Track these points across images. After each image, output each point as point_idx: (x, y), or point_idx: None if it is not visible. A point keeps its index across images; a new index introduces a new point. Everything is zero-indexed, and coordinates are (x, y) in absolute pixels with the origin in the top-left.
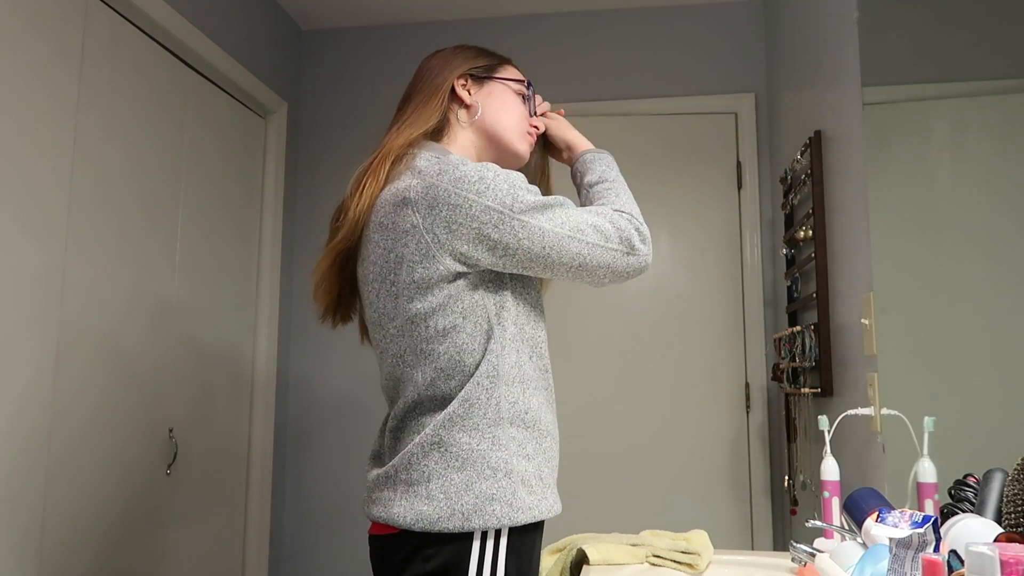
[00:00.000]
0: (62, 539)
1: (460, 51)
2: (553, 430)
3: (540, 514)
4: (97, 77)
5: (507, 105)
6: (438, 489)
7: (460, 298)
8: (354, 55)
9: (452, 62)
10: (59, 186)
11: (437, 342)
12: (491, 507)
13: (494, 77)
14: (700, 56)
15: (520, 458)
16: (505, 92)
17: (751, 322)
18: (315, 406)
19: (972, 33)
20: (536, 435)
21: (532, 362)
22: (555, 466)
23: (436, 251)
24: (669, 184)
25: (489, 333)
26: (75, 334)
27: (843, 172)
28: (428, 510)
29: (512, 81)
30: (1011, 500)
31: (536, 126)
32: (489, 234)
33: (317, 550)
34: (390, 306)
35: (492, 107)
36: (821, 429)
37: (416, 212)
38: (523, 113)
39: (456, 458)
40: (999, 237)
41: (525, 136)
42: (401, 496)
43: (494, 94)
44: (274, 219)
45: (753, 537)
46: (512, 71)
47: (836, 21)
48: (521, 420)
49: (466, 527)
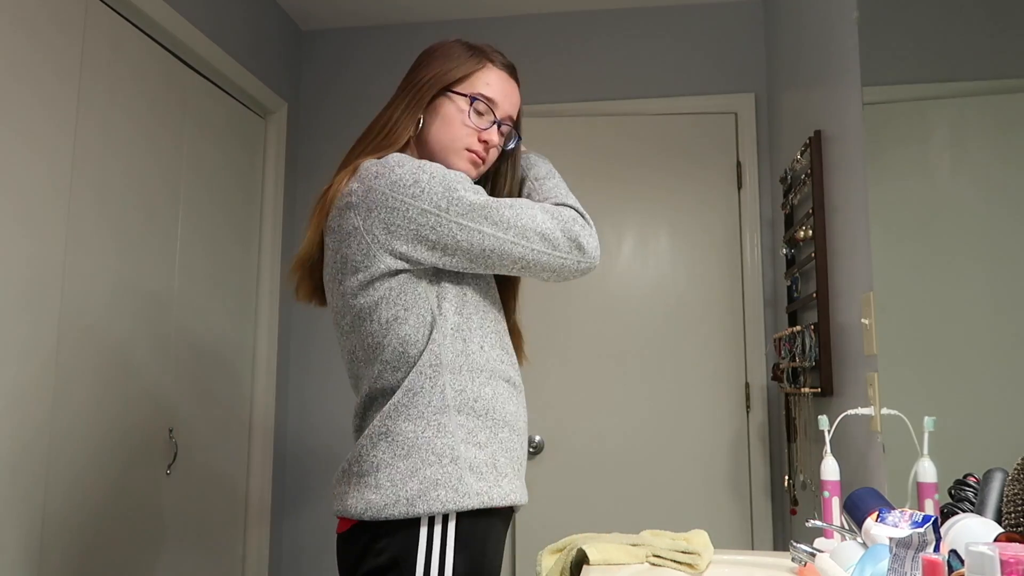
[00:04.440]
0: (62, 539)
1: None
2: (514, 421)
3: (491, 500)
4: (96, 78)
5: (446, 119)
6: (385, 478)
7: (403, 291)
8: (354, 55)
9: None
10: (58, 186)
11: (382, 335)
12: (435, 492)
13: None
14: (700, 56)
15: (469, 445)
16: (446, 103)
17: (751, 322)
18: (315, 405)
19: (972, 33)
20: (490, 424)
21: (484, 351)
22: (517, 456)
23: (376, 251)
24: (669, 184)
25: (432, 323)
26: (75, 334)
27: (843, 172)
28: (376, 499)
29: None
30: (1011, 500)
31: (485, 140)
32: (427, 236)
33: (317, 546)
34: (340, 304)
35: (433, 121)
36: (821, 429)
37: (357, 215)
38: (464, 127)
39: (402, 446)
40: (999, 237)
41: (462, 153)
42: (354, 488)
43: (439, 108)
44: (274, 219)
45: (753, 537)
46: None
47: (836, 21)
48: (471, 408)
49: (411, 512)
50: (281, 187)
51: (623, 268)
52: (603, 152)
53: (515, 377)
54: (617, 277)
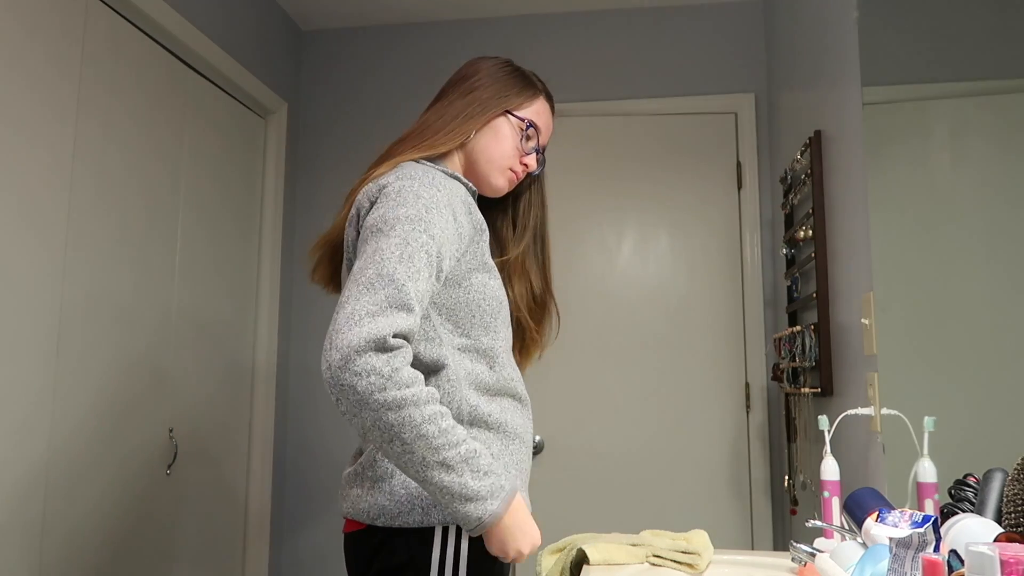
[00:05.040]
0: (63, 539)
1: (507, 79)
2: (523, 434)
3: None
4: (97, 78)
5: (500, 137)
6: (400, 485)
7: None
8: (354, 55)
9: (501, 91)
10: (58, 186)
11: None
12: None
13: (508, 112)
14: (700, 56)
15: None
16: (504, 124)
17: (751, 322)
18: (316, 404)
19: (972, 33)
20: (502, 436)
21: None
22: (524, 468)
23: None
24: (669, 184)
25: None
26: (75, 334)
27: (843, 172)
28: (390, 505)
29: (514, 117)
30: (1011, 500)
31: (526, 164)
32: None
33: (317, 543)
34: None
35: (486, 135)
36: (821, 429)
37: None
38: (514, 148)
39: None
40: (999, 236)
41: (505, 172)
42: (367, 492)
43: (495, 126)
44: (274, 219)
45: (753, 537)
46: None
47: (836, 21)
48: (483, 422)
49: (426, 521)
50: (281, 187)
51: (623, 268)
52: (603, 152)
53: (522, 392)
54: (617, 277)
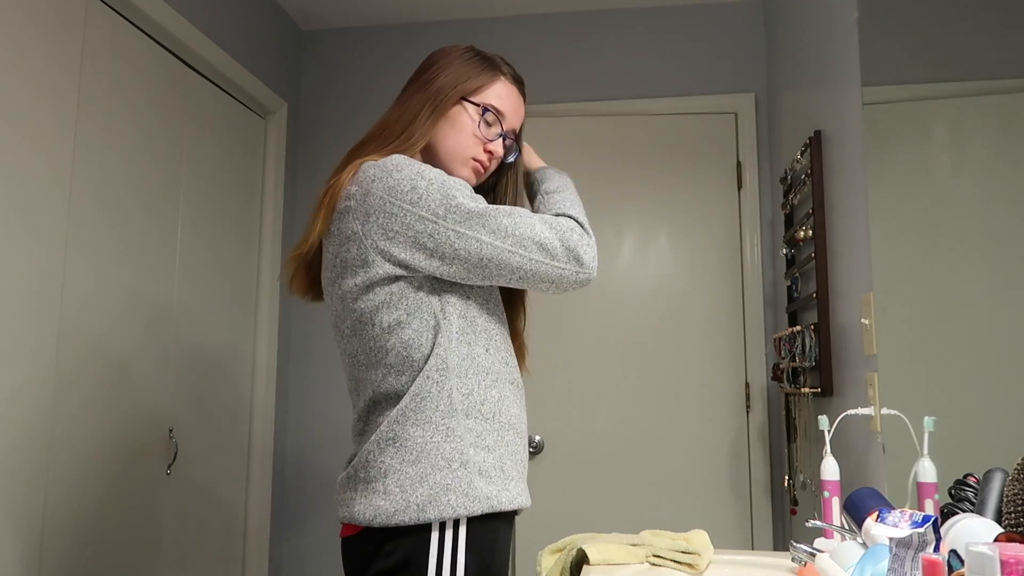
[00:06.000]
0: (63, 538)
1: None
2: (518, 424)
3: (500, 504)
4: (96, 78)
5: (457, 126)
6: (394, 484)
7: (404, 295)
8: (354, 55)
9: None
10: (58, 186)
11: (384, 339)
12: (446, 497)
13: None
14: (700, 56)
15: (477, 449)
16: (460, 112)
17: (751, 322)
18: (316, 405)
19: (972, 33)
20: (497, 427)
21: (489, 354)
22: (521, 459)
23: (374, 256)
24: (669, 184)
25: (436, 328)
26: (75, 334)
27: (843, 172)
28: (385, 505)
29: (470, 103)
30: (1011, 500)
31: (491, 151)
32: (425, 243)
33: (316, 543)
34: (340, 308)
35: (443, 127)
36: (821, 429)
37: (355, 219)
38: (473, 137)
39: (410, 452)
40: (999, 236)
41: (468, 162)
42: (361, 494)
43: (451, 116)
44: (274, 219)
45: (753, 537)
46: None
47: (836, 21)
48: (478, 412)
49: (422, 519)
50: (281, 187)
51: (623, 268)
52: (603, 152)
53: (518, 379)
54: (617, 277)
